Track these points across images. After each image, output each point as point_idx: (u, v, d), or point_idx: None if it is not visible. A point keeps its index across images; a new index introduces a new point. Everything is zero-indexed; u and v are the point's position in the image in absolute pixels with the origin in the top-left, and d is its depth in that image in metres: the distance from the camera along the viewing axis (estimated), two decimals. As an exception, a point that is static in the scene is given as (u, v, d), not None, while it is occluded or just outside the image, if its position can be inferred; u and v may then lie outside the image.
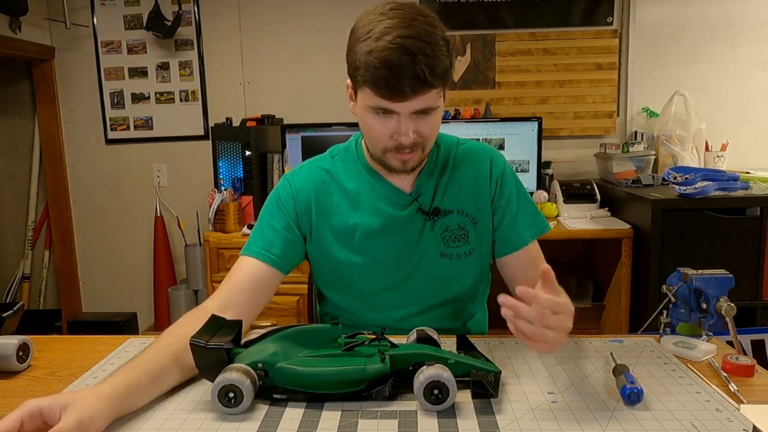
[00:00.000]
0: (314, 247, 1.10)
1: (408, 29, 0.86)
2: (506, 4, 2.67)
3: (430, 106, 0.92)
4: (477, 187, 1.10)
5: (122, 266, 3.02)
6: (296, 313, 2.31)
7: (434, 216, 1.08)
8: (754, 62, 2.65)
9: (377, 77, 0.87)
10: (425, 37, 0.86)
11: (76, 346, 1.04)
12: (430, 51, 0.86)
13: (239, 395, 0.76)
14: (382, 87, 0.88)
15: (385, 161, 1.00)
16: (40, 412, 0.66)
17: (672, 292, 1.00)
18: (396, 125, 0.93)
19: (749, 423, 0.71)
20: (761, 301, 2.01)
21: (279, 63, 2.81)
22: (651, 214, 2.00)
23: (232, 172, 2.51)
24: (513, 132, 2.50)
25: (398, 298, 1.10)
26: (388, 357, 0.80)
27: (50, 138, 2.94)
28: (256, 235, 1.07)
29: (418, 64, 0.85)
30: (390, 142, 0.96)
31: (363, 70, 0.89)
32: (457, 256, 1.09)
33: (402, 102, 0.90)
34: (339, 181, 1.09)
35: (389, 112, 0.92)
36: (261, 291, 1.03)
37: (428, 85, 0.88)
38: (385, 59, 0.85)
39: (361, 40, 0.89)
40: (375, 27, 0.88)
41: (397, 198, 1.07)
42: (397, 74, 0.86)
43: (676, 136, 2.51)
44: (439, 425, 0.73)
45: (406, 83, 0.87)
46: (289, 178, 1.11)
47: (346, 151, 1.13)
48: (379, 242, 1.07)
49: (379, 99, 0.90)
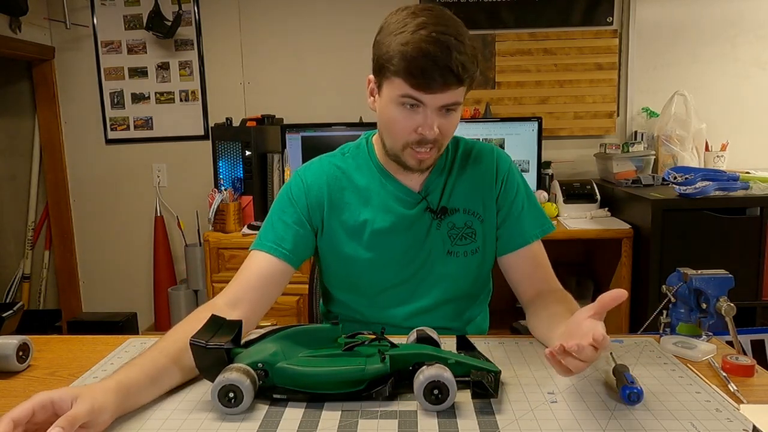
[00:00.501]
0: (324, 243, 1.11)
1: (444, 27, 0.90)
2: (506, 4, 2.67)
3: (456, 102, 0.95)
4: (483, 185, 1.11)
5: (122, 266, 3.02)
6: (296, 313, 2.31)
7: (442, 215, 1.09)
8: (753, 62, 2.65)
9: (413, 66, 0.89)
10: (460, 37, 0.91)
11: (76, 346, 1.04)
12: (464, 50, 0.90)
13: (239, 395, 0.76)
14: (417, 76, 0.90)
15: (402, 158, 1.01)
16: (52, 402, 0.67)
17: (672, 292, 1.00)
18: (421, 119, 0.95)
19: (749, 423, 0.71)
20: (761, 301, 2.01)
21: (279, 63, 2.81)
22: (651, 214, 2.00)
23: (232, 172, 2.51)
24: (513, 132, 2.50)
25: (403, 296, 1.11)
26: (388, 357, 0.80)
27: (50, 138, 2.94)
28: (266, 229, 1.07)
29: (453, 58, 0.89)
30: (413, 136, 0.97)
31: (398, 59, 0.91)
32: (464, 254, 1.10)
33: (432, 94, 0.92)
34: (350, 177, 1.10)
35: (416, 106, 0.94)
36: (272, 286, 1.03)
37: (459, 80, 0.91)
38: (422, 49, 0.88)
39: (396, 33, 0.92)
40: (410, 22, 0.91)
41: (406, 197, 1.08)
42: (433, 65, 0.89)
43: (676, 136, 2.51)
44: (439, 425, 0.73)
45: (440, 74, 0.89)
46: (301, 174, 1.12)
47: (357, 148, 1.13)
48: (387, 240, 1.08)
49: (410, 89, 0.92)
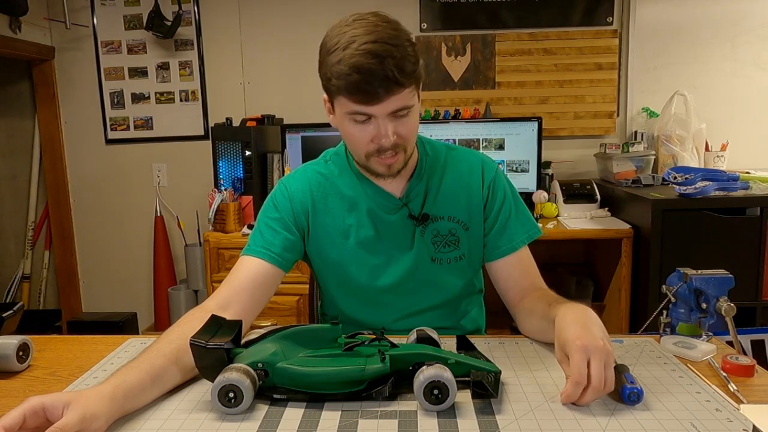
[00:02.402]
0: (311, 248, 1.12)
1: (373, 35, 0.90)
2: (506, 4, 2.67)
3: (405, 105, 0.95)
4: (469, 192, 1.11)
5: (122, 266, 3.02)
6: (296, 313, 2.31)
7: (423, 222, 1.09)
8: (754, 62, 2.65)
9: (350, 83, 0.90)
10: (390, 40, 0.90)
11: (76, 346, 1.04)
12: (397, 53, 0.89)
13: (239, 395, 0.76)
14: (355, 92, 0.91)
15: (370, 167, 1.03)
16: (43, 408, 0.66)
17: (672, 292, 1.00)
18: (375, 129, 0.96)
19: (749, 423, 0.71)
20: (761, 301, 2.01)
21: (279, 63, 2.81)
22: (651, 214, 2.00)
23: (232, 172, 2.51)
24: (513, 132, 2.50)
25: (392, 300, 1.12)
26: (388, 357, 0.80)
27: (50, 138, 2.94)
28: (255, 236, 1.09)
29: (386, 66, 0.88)
30: (371, 146, 0.98)
31: (335, 79, 0.92)
32: (447, 261, 1.11)
33: (377, 105, 0.92)
34: (334, 183, 1.12)
35: (367, 118, 0.95)
36: (262, 289, 1.03)
37: (399, 84, 0.91)
38: (354, 65, 0.89)
39: (330, 52, 0.92)
40: (341, 38, 0.91)
41: (387, 202, 1.09)
42: (368, 78, 0.89)
43: (676, 136, 2.51)
44: (439, 425, 0.73)
45: (378, 85, 0.89)
46: (285, 182, 1.14)
47: (337, 155, 1.15)
48: (372, 245, 1.09)
49: (354, 105, 0.93)
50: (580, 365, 0.75)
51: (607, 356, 0.76)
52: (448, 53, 2.71)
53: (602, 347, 0.76)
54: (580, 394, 0.76)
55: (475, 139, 2.48)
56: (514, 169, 2.51)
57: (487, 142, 2.50)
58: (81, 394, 0.70)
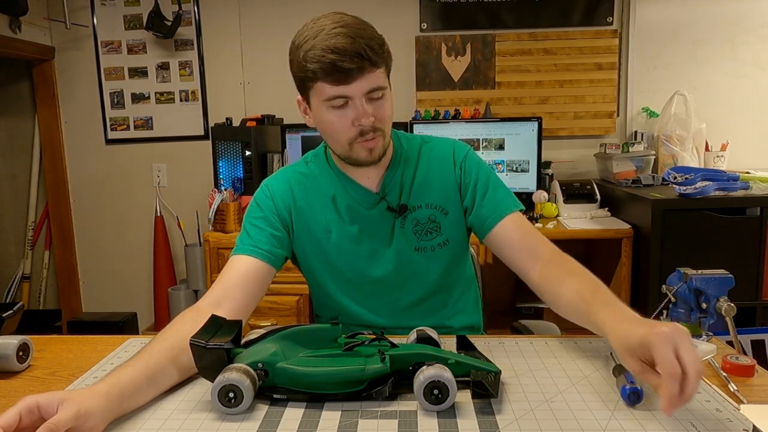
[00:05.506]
0: (297, 246, 1.14)
1: (340, 23, 0.95)
2: (506, 4, 2.67)
3: (378, 86, 0.98)
4: (442, 176, 1.13)
5: (122, 266, 3.02)
6: (296, 313, 2.31)
7: (402, 213, 1.10)
8: (754, 62, 2.65)
9: (325, 64, 0.93)
10: (356, 25, 0.96)
11: (76, 346, 1.04)
12: (365, 33, 0.95)
13: (239, 395, 0.76)
14: (331, 71, 0.94)
15: (352, 155, 1.04)
16: (38, 406, 0.67)
17: (672, 292, 1.00)
18: (353, 111, 0.98)
19: (749, 423, 0.71)
20: (761, 301, 2.01)
21: (279, 63, 2.78)
22: (651, 214, 2.00)
23: (232, 172, 2.51)
24: (513, 132, 2.50)
25: (381, 295, 1.13)
26: (388, 357, 0.80)
27: (50, 138, 2.94)
28: (242, 237, 1.11)
29: (358, 44, 0.93)
30: (353, 131, 1.00)
31: (310, 64, 0.95)
32: (431, 248, 1.12)
33: (353, 83, 0.95)
34: (315, 183, 1.14)
35: (344, 102, 0.98)
36: (254, 286, 1.04)
37: (372, 62, 0.95)
38: (327, 47, 0.93)
39: (300, 45, 0.97)
40: (310, 32, 0.96)
41: (365, 198, 1.11)
42: (342, 55, 0.93)
43: (676, 136, 2.51)
44: (439, 425, 0.73)
45: (352, 61, 0.93)
46: (267, 183, 1.17)
47: (317, 156, 1.17)
48: (354, 242, 1.11)
49: (332, 87, 0.96)
50: (669, 357, 0.68)
51: (689, 337, 0.71)
52: (448, 53, 2.71)
53: (682, 329, 0.71)
54: (680, 390, 0.68)
55: (475, 139, 2.48)
56: (514, 169, 2.51)
57: (487, 142, 2.50)
58: (75, 392, 0.70)
